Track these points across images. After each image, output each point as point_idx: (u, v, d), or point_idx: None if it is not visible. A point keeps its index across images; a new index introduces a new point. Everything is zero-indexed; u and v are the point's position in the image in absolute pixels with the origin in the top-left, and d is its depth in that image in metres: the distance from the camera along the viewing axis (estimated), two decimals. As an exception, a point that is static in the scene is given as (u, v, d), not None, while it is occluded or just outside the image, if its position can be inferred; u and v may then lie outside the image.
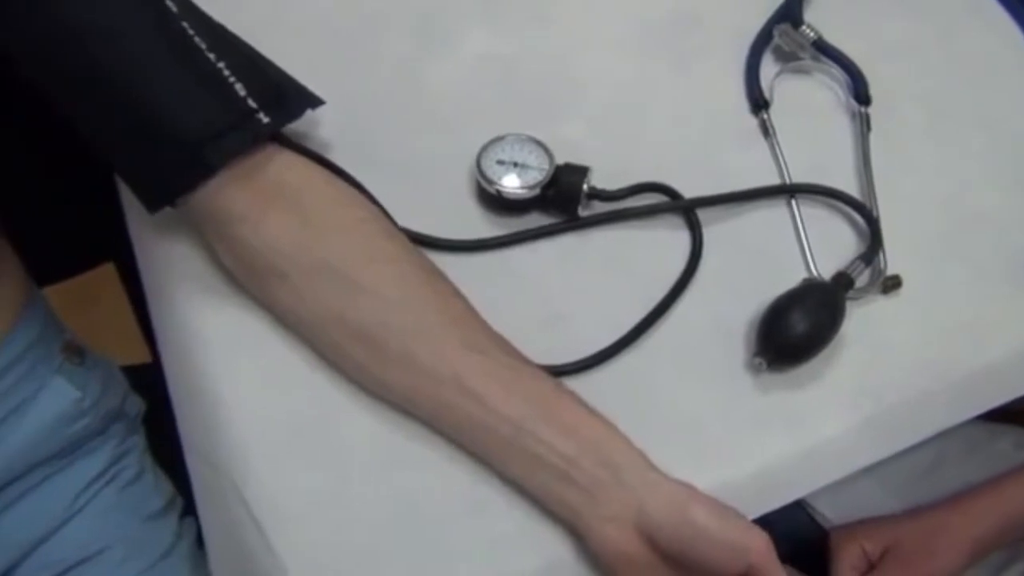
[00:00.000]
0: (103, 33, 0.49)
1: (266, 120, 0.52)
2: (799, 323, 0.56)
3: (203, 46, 0.51)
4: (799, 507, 0.71)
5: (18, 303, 0.64)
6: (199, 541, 0.70)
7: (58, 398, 0.64)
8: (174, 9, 0.51)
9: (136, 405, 0.72)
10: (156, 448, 0.74)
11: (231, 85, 0.51)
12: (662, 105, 0.69)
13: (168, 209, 0.54)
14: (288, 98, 0.54)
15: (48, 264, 0.72)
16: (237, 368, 0.56)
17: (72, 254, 0.80)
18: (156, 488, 0.70)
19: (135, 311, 0.89)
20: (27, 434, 0.63)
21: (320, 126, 0.61)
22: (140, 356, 0.87)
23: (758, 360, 0.57)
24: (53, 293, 0.72)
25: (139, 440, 0.71)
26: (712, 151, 0.67)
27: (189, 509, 0.72)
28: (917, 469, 0.72)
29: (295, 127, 0.56)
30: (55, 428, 0.64)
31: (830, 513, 0.70)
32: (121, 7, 0.49)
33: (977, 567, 0.66)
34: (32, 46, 0.50)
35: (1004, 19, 0.75)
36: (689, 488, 0.49)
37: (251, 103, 0.51)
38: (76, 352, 0.68)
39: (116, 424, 0.69)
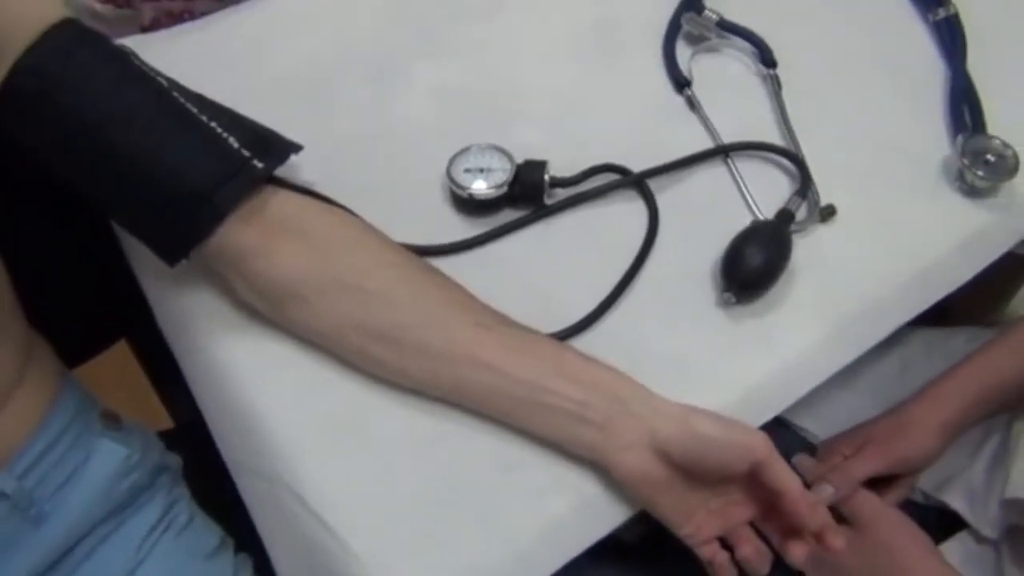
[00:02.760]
0: (115, 119, 0.55)
1: (260, 165, 0.58)
2: (755, 256, 0.64)
3: (195, 110, 0.58)
4: (789, 429, 0.78)
5: (55, 382, 0.70)
6: (255, 574, 0.75)
7: (108, 458, 0.69)
8: (165, 84, 0.58)
9: (174, 459, 0.77)
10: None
11: (225, 140, 0.58)
12: (599, 98, 0.77)
13: (182, 263, 0.61)
14: (274, 145, 0.61)
15: (67, 348, 0.77)
16: (271, 387, 0.62)
17: (87, 336, 0.86)
18: (208, 529, 0.75)
19: (151, 381, 0.95)
20: (86, 495, 0.67)
21: (301, 169, 0.67)
22: (161, 423, 0.92)
23: (727, 295, 0.64)
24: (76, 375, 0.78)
25: (184, 490, 0.76)
26: (649, 130, 0.75)
27: (239, 548, 0.77)
28: (887, 376, 0.80)
29: (280, 171, 0.62)
30: (110, 485, 0.68)
31: (817, 429, 0.77)
32: (127, 93, 0.56)
33: (955, 450, 0.73)
34: (51, 140, 0.56)
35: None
36: (690, 406, 0.56)
37: (245, 153, 0.58)
38: (113, 418, 0.73)
39: (162, 476, 0.74)
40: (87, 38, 0.56)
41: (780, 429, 0.77)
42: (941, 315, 0.73)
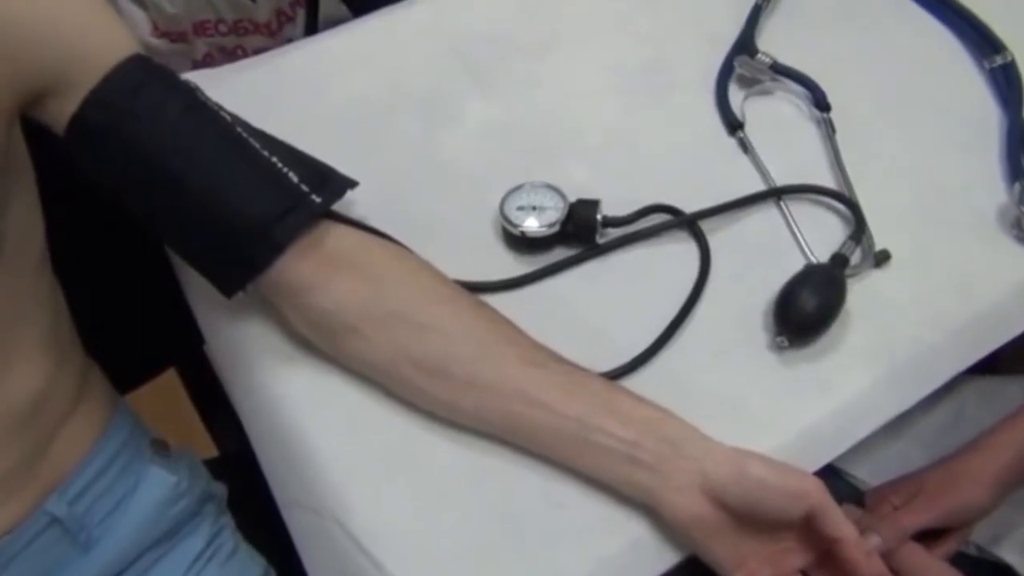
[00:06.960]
0: (179, 152, 0.57)
1: (318, 200, 0.59)
2: (810, 300, 0.64)
3: (257, 145, 0.59)
4: (840, 477, 0.77)
5: (108, 408, 0.71)
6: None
7: (157, 485, 0.70)
8: (228, 119, 0.59)
9: (220, 488, 0.78)
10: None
11: (285, 174, 0.59)
12: (650, 138, 0.77)
13: (238, 295, 0.61)
14: (331, 181, 0.62)
15: (119, 375, 0.78)
16: (321, 421, 0.62)
17: (139, 364, 0.87)
18: (252, 560, 0.75)
19: (197, 409, 0.96)
20: (135, 521, 0.68)
21: (355, 205, 0.69)
22: (205, 452, 0.93)
23: (780, 339, 0.64)
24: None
25: (229, 520, 0.77)
26: (701, 171, 0.75)
27: (281, 578, 0.77)
28: (939, 425, 0.78)
29: (335, 206, 0.63)
30: (159, 512, 0.69)
31: (868, 478, 0.76)
32: (191, 127, 0.58)
33: (1011, 503, 0.71)
34: (116, 171, 0.58)
35: (925, 17, 0.86)
36: (742, 449, 0.56)
37: (304, 187, 0.59)
38: (162, 445, 0.74)
39: (208, 505, 0.74)
40: (155, 73, 0.58)
41: (831, 477, 0.76)
42: (994, 364, 0.71)
